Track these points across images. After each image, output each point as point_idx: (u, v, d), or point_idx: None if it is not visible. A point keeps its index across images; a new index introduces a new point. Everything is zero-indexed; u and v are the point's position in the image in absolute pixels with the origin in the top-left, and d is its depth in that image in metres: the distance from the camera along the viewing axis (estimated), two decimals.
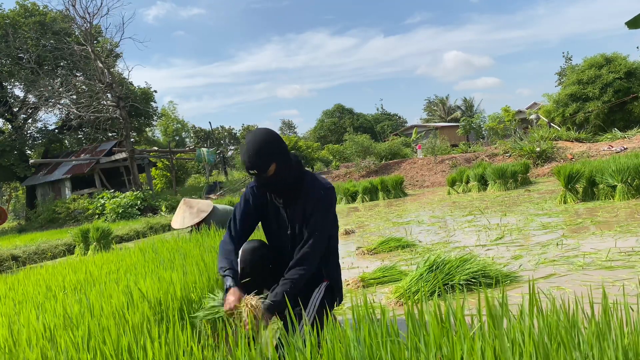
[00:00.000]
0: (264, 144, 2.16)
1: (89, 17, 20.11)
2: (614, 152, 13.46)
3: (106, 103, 21.30)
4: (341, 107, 50.38)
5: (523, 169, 12.00)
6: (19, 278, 4.53)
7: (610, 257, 3.67)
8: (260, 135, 2.18)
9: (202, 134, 50.13)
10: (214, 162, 23.24)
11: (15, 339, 2.04)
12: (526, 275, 3.43)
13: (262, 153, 2.16)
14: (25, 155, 25.97)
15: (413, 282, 3.25)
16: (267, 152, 2.17)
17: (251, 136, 2.20)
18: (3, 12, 24.69)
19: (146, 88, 28.35)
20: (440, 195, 12.43)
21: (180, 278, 2.81)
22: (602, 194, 7.07)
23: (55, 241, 10.41)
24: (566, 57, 38.79)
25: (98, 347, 1.81)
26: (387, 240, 5.31)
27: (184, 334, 1.79)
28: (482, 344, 1.29)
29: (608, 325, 1.34)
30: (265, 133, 2.21)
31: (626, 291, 2.71)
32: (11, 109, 26.19)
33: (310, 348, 1.45)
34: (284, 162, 2.22)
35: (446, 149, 20.93)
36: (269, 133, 2.22)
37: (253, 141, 2.16)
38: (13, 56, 24.08)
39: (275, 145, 2.20)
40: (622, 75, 19.71)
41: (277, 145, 2.21)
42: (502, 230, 5.58)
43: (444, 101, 53.78)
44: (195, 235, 5.83)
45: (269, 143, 2.17)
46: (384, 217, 9.02)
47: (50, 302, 2.83)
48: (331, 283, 2.32)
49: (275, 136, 2.23)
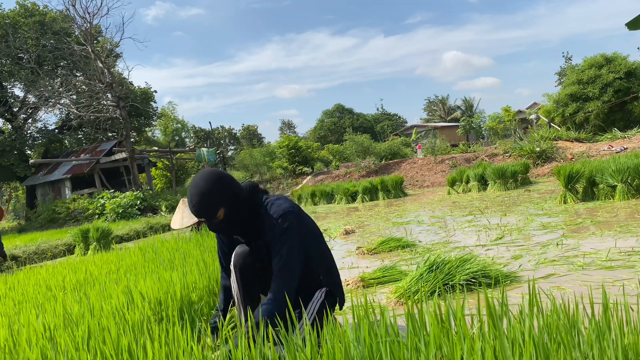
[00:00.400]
0: (208, 190, 2.04)
1: (89, 17, 20.14)
2: (614, 152, 13.46)
3: (106, 103, 21.31)
4: (341, 107, 50.40)
5: (523, 169, 12.00)
6: (19, 278, 4.53)
7: (610, 257, 3.67)
8: (204, 181, 2.06)
9: (202, 134, 50.13)
10: (214, 162, 23.23)
11: (15, 339, 2.04)
12: (526, 275, 3.43)
13: (208, 200, 2.04)
14: (25, 155, 25.97)
15: (413, 282, 3.25)
16: (213, 198, 2.05)
17: (196, 181, 2.08)
18: (3, 12, 24.69)
19: (146, 88, 28.36)
20: (440, 195, 12.43)
21: (180, 278, 2.81)
22: (602, 194, 7.07)
23: (55, 241, 10.41)
24: (566, 57, 38.82)
25: (98, 347, 1.81)
26: (387, 240, 5.31)
27: (184, 334, 1.79)
28: (482, 344, 1.29)
29: (608, 325, 1.34)
30: (208, 177, 2.08)
31: (626, 291, 2.71)
32: (11, 109, 26.19)
33: (310, 348, 1.45)
34: (233, 204, 2.10)
35: (446, 149, 20.92)
36: (213, 176, 2.09)
37: (197, 187, 2.05)
38: (13, 56, 24.09)
39: (221, 188, 2.07)
40: (622, 75, 19.71)
41: (223, 188, 2.08)
42: (502, 230, 5.58)
43: (444, 101, 53.79)
44: (195, 236, 5.83)
45: (213, 188, 2.05)
46: (384, 217, 9.02)
47: (50, 302, 2.83)
48: (331, 289, 2.28)
49: (221, 178, 2.10)
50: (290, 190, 19.37)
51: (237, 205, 2.11)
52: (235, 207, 2.10)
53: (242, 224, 2.17)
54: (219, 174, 2.12)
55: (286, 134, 44.28)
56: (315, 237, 2.33)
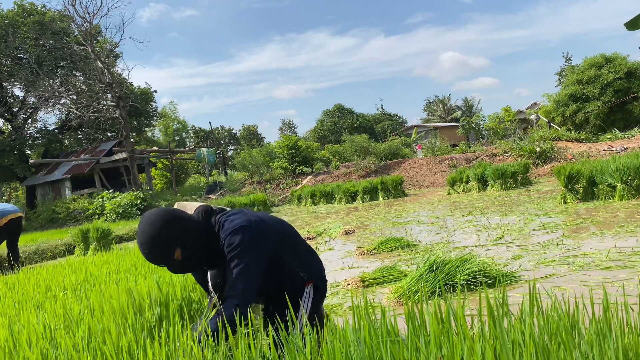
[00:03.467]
0: (157, 234, 1.89)
1: (88, 17, 20.13)
2: (614, 152, 13.46)
3: (106, 103, 21.31)
4: (341, 107, 50.39)
5: (523, 169, 12.00)
6: (19, 278, 4.53)
7: (610, 257, 3.67)
8: (149, 226, 1.90)
9: (202, 134, 50.14)
10: (214, 162, 23.25)
11: (15, 339, 2.04)
12: (526, 275, 3.43)
13: (159, 245, 1.91)
14: (25, 156, 25.97)
15: (413, 282, 3.25)
16: (164, 241, 1.91)
17: (141, 228, 1.93)
18: (2, 12, 24.69)
19: (146, 88, 28.36)
20: (440, 196, 12.43)
21: (180, 278, 2.81)
22: (602, 194, 7.07)
23: (55, 241, 10.41)
24: (566, 57, 38.85)
25: (98, 347, 1.81)
26: (387, 240, 5.31)
27: (184, 334, 1.79)
28: (483, 344, 1.29)
29: (608, 325, 1.34)
30: (154, 221, 1.92)
31: (626, 291, 2.71)
32: (11, 109, 26.18)
33: (310, 348, 1.45)
34: (187, 240, 1.96)
35: (446, 149, 20.92)
36: (159, 218, 1.93)
37: (144, 234, 1.90)
38: (13, 56, 24.08)
39: (170, 229, 1.92)
40: (622, 75, 19.71)
41: (172, 227, 1.93)
42: (502, 231, 5.58)
43: (445, 101, 53.79)
44: None
45: (162, 231, 1.90)
46: (384, 217, 9.02)
47: (50, 302, 2.83)
48: (316, 282, 2.24)
49: (167, 219, 1.93)
50: (290, 190, 19.37)
51: (191, 239, 1.98)
52: (190, 242, 1.97)
53: (202, 255, 2.04)
54: (164, 214, 1.96)
55: (286, 134, 44.28)
56: (285, 237, 2.22)
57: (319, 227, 8.26)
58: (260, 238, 2.03)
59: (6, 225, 7.32)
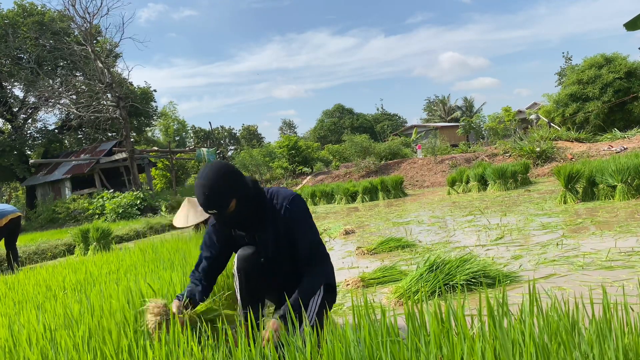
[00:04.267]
0: (221, 181, 2.03)
1: (88, 17, 20.13)
2: (614, 152, 13.46)
3: (106, 103, 21.30)
4: (341, 107, 50.40)
5: (523, 169, 11.99)
6: (19, 278, 4.53)
7: (610, 257, 3.67)
8: (214, 173, 2.04)
9: (202, 134, 50.14)
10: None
11: (16, 339, 2.03)
12: (526, 276, 3.43)
13: (221, 190, 2.02)
14: (25, 156, 25.97)
15: (413, 282, 3.25)
16: (226, 188, 2.04)
17: (206, 173, 2.06)
18: (2, 12, 24.68)
19: (146, 88, 28.35)
20: (440, 195, 12.43)
21: (180, 278, 2.81)
22: (602, 194, 7.07)
23: (55, 241, 10.41)
24: (566, 57, 38.85)
25: (98, 347, 1.81)
26: (387, 240, 5.30)
27: (184, 334, 1.79)
28: (483, 344, 1.29)
29: (608, 325, 1.33)
30: (219, 169, 2.07)
31: (626, 291, 2.71)
32: (11, 109, 26.18)
33: (310, 348, 1.45)
34: (244, 196, 2.11)
35: (446, 149, 20.92)
36: (223, 168, 2.09)
37: (209, 178, 2.02)
38: (13, 56, 24.08)
39: (234, 179, 2.08)
40: (622, 75, 19.71)
41: (236, 179, 2.09)
42: (502, 230, 5.58)
43: (445, 101, 53.79)
44: (196, 236, 5.83)
45: (227, 179, 2.05)
46: (384, 217, 9.02)
47: (50, 302, 2.83)
48: (329, 282, 2.30)
49: (232, 169, 2.12)
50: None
51: (246, 196, 2.12)
52: (245, 199, 2.11)
53: (250, 214, 2.17)
54: (228, 166, 2.12)
55: (286, 134, 44.29)
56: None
57: (319, 227, 8.27)
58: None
59: (6, 225, 7.33)
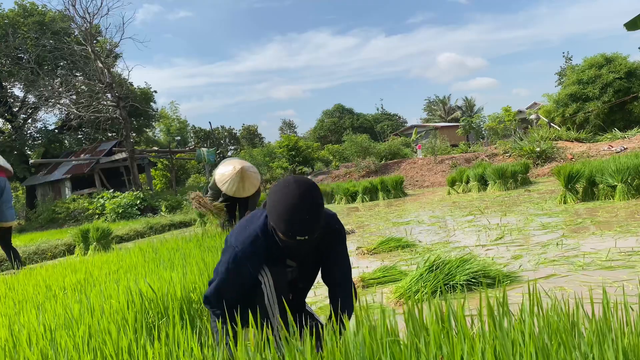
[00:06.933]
0: (320, 206, 1.75)
1: (89, 17, 20.13)
2: (614, 152, 13.46)
3: (106, 103, 21.30)
4: (341, 107, 50.36)
5: (523, 169, 12.00)
6: (19, 278, 4.53)
7: (610, 257, 3.67)
8: (311, 190, 1.75)
9: (202, 134, 50.14)
10: (214, 162, 23.20)
11: (16, 339, 2.04)
12: (526, 276, 3.43)
13: (320, 213, 1.76)
14: (25, 156, 25.97)
15: (413, 282, 3.25)
16: (321, 211, 1.78)
17: (300, 192, 1.73)
18: (2, 12, 24.69)
19: (146, 88, 28.34)
20: (440, 195, 12.42)
21: (180, 278, 2.81)
22: (602, 194, 7.07)
23: (55, 241, 10.41)
24: (566, 57, 38.84)
25: (98, 347, 1.81)
26: (387, 240, 5.30)
27: (184, 333, 1.79)
28: (483, 344, 1.29)
29: (608, 325, 1.34)
30: (315, 189, 1.78)
31: (626, 291, 2.71)
32: (11, 109, 26.17)
33: (310, 348, 1.45)
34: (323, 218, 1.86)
35: (446, 149, 20.93)
36: (315, 185, 1.81)
37: (304, 198, 1.71)
38: (13, 56, 24.08)
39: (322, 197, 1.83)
40: (622, 75, 19.71)
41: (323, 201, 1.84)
42: (502, 230, 5.58)
43: (445, 101, 53.78)
44: (195, 235, 5.83)
45: (321, 199, 1.79)
46: (384, 217, 9.02)
47: (50, 302, 2.83)
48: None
49: (317, 185, 1.83)
50: None
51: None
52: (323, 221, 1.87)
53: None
54: (314, 182, 1.84)
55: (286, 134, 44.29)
56: None
57: None
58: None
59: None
